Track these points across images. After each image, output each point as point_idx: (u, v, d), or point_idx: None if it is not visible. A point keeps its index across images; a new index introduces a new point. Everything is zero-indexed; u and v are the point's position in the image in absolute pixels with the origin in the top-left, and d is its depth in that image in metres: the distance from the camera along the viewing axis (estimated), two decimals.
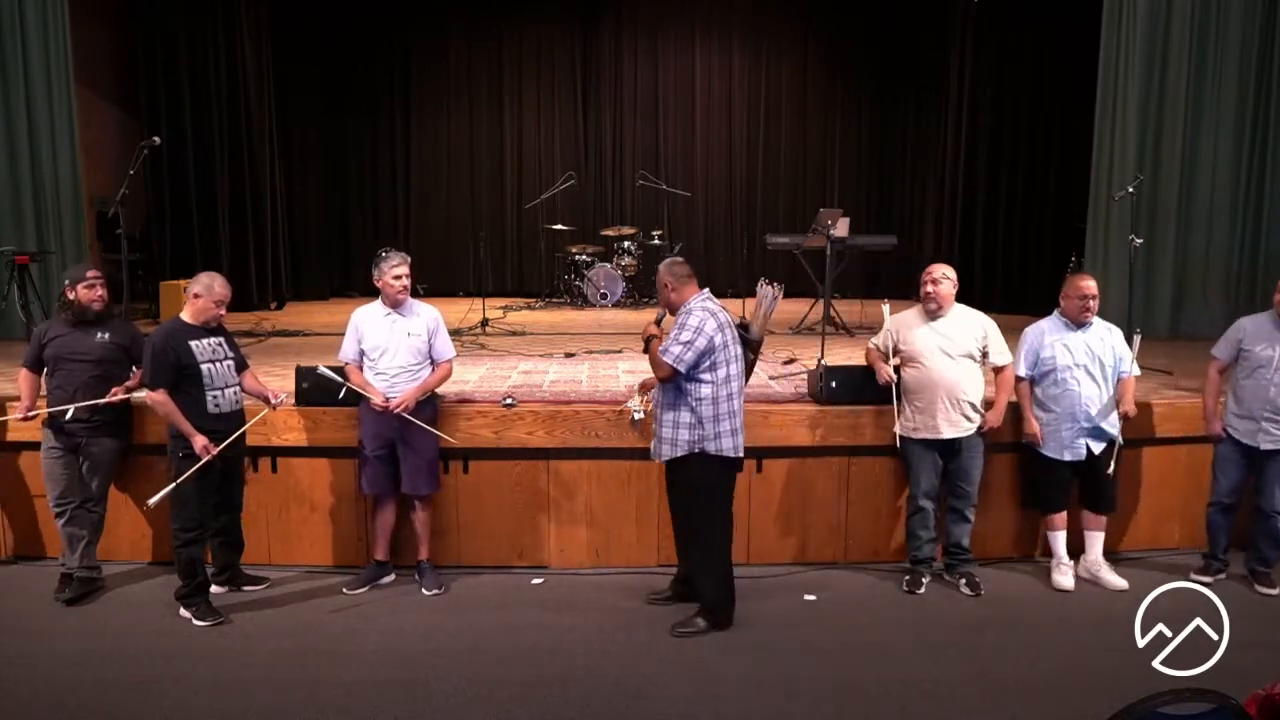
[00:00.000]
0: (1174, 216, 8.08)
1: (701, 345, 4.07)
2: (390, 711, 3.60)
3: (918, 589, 4.80)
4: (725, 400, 4.16)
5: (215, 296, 4.44)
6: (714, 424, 4.15)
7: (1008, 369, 4.79)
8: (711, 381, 4.13)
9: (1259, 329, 4.73)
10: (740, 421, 4.26)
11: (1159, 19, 7.99)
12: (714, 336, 4.09)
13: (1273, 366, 4.60)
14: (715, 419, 4.14)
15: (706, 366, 4.12)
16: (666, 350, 4.10)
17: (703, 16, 12.94)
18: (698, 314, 4.13)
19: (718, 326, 4.13)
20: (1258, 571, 4.80)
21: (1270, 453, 4.66)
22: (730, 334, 4.20)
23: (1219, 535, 4.88)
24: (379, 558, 4.87)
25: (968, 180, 11.09)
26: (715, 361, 4.12)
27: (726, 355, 4.16)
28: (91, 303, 4.63)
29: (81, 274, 4.70)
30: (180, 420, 4.26)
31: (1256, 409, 4.65)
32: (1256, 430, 4.65)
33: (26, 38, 7.69)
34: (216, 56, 10.40)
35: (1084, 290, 4.75)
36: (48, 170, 7.91)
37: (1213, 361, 4.89)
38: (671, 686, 3.81)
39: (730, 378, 4.18)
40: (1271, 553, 4.78)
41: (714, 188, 13.11)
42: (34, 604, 4.59)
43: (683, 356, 4.07)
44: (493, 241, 12.11)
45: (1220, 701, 1.81)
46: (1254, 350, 4.68)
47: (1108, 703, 2.01)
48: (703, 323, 4.09)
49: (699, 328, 4.08)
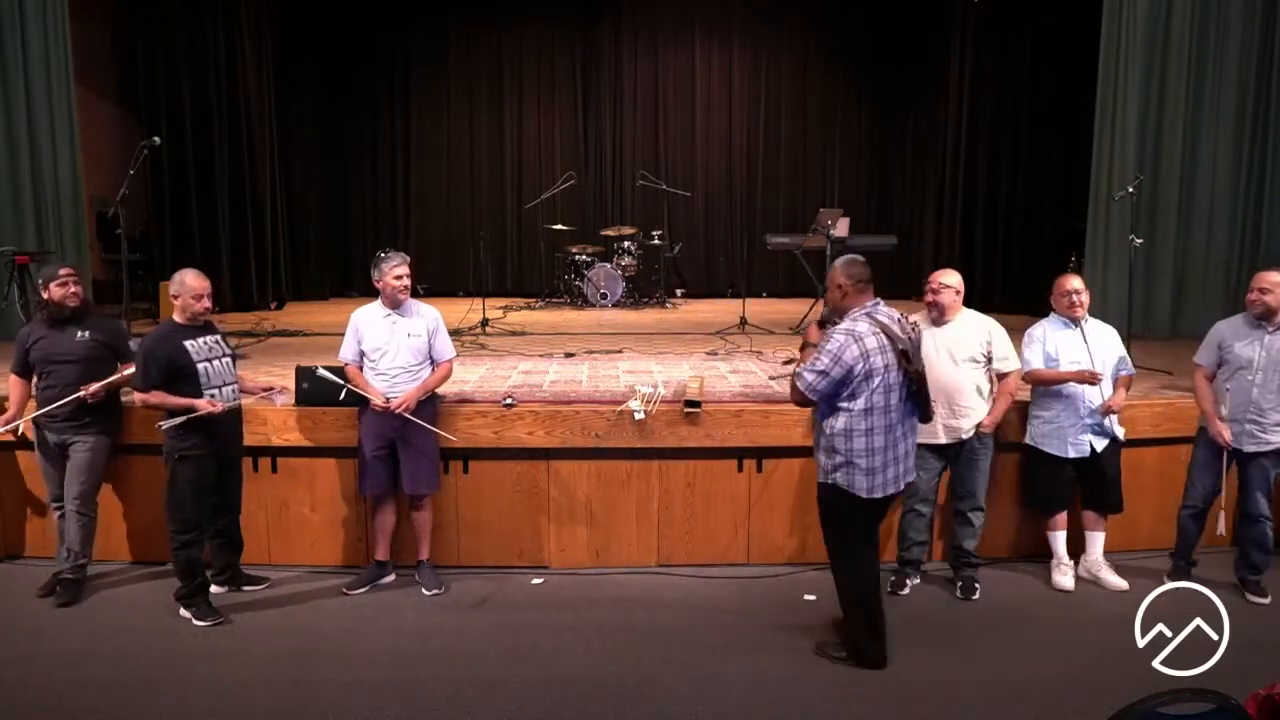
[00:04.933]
0: (1174, 216, 8.08)
1: (838, 375, 3.67)
2: (390, 711, 3.60)
3: (901, 590, 4.79)
4: (863, 435, 3.72)
5: (190, 291, 4.40)
6: (847, 458, 3.76)
7: (1012, 375, 4.75)
8: (848, 411, 3.73)
9: (1236, 331, 4.69)
10: (884, 459, 3.77)
11: (1159, 19, 7.99)
12: (854, 366, 3.66)
13: (1254, 367, 4.56)
14: (849, 453, 3.75)
15: (845, 396, 3.72)
16: (801, 375, 3.75)
17: (703, 16, 12.95)
18: (839, 337, 3.70)
19: (861, 354, 3.66)
20: (1249, 580, 4.72)
21: (1253, 455, 4.60)
22: (882, 360, 3.68)
23: (1189, 539, 4.83)
24: (379, 558, 4.87)
25: (968, 180, 11.10)
26: (854, 391, 3.70)
27: (870, 385, 3.68)
28: (65, 300, 4.59)
29: (54, 273, 4.65)
30: (177, 401, 4.25)
31: (1239, 411, 4.60)
32: (1240, 433, 4.60)
33: (26, 38, 7.69)
34: (216, 56, 10.42)
35: (1066, 287, 4.77)
36: (48, 170, 7.91)
37: (1198, 369, 4.83)
38: (671, 686, 3.81)
39: (873, 410, 3.71)
40: (1260, 558, 4.70)
41: (714, 188, 13.13)
42: (34, 604, 4.59)
43: (815, 386, 3.71)
44: (493, 241, 12.13)
45: (1220, 701, 1.81)
46: (1234, 352, 4.63)
47: (1108, 703, 2.01)
48: (842, 349, 3.66)
49: (838, 355, 3.67)
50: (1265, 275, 4.56)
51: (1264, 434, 4.56)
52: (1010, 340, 4.81)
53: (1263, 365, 4.53)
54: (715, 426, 5.01)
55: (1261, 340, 4.55)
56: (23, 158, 7.78)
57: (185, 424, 4.27)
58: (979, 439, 4.72)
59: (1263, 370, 4.53)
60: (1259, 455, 4.59)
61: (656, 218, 11.86)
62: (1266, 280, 4.53)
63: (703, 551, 5.14)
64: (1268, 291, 4.51)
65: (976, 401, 4.69)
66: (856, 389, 3.70)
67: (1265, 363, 4.53)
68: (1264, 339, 4.55)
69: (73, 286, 4.63)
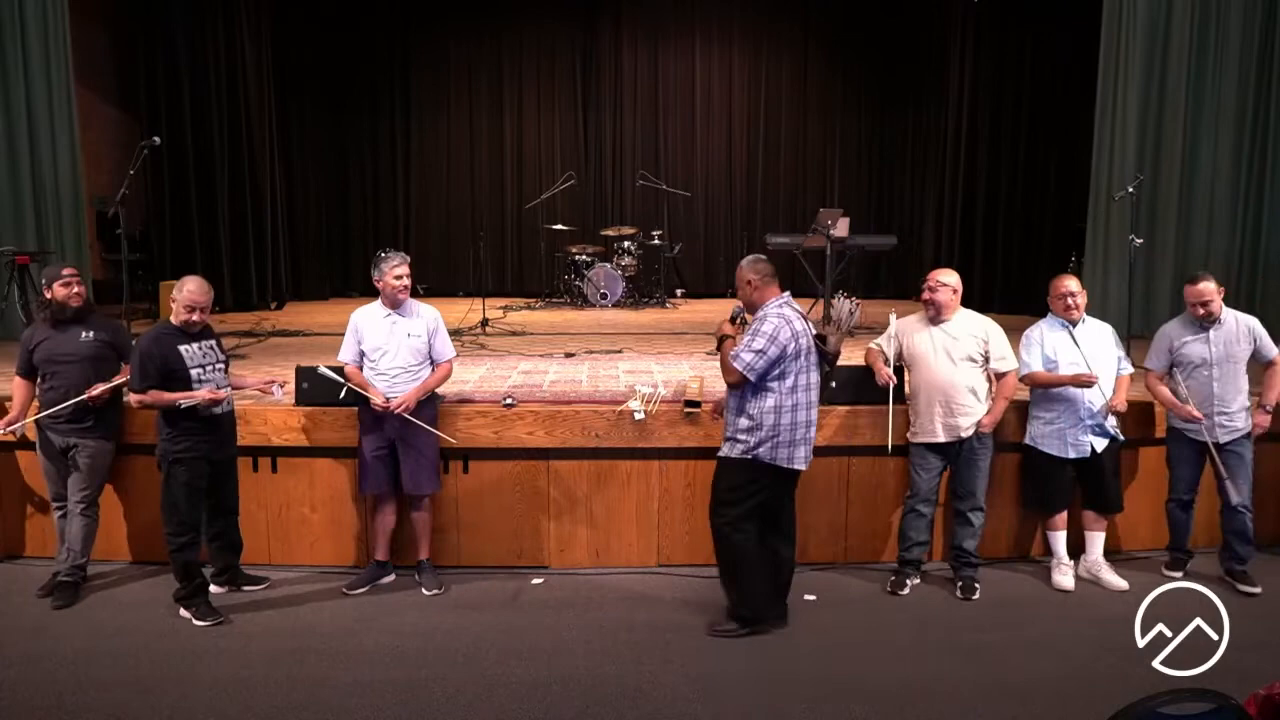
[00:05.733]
0: (1174, 216, 8.08)
1: (774, 354, 4.00)
2: (390, 711, 3.60)
3: (900, 590, 4.79)
4: (789, 411, 4.07)
5: (184, 299, 4.36)
6: (772, 432, 4.07)
7: (1010, 375, 4.75)
8: (776, 391, 4.06)
9: (1183, 332, 4.84)
10: (804, 434, 4.15)
11: (1159, 19, 7.99)
12: (787, 345, 4.02)
13: (1209, 363, 4.74)
14: (775, 427, 4.07)
15: (775, 375, 4.05)
16: (738, 357, 4.03)
17: (703, 16, 12.95)
18: (773, 320, 4.05)
19: (792, 335, 4.05)
20: (1235, 571, 4.81)
21: (1226, 445, 4.74)
22: (805, 344, 4.11)
23: (1181, 529, 4.97)
24: (379, 558, 4.87)
25: (968, 180, 11.10)
26: (784, 371, 4.05)
27: (797, 365, 4.07)
28: (69, 299, 4.60)
29: (57, 272, 4.66)
30: (171, 397, 4.23)
31: (1204, 406, 4.74)
32: (1211, 426, 4.73)
33: (26, 38, 7.70)
34: (216, 56, 10.42)
35: (1061, 289, 4.80)
36: (48, 170, 7.91)
37: (1149, 374, 4.96)
38: (671, 686, 3.81)
39: (798, 388, 4.09)
40: (1244, 549, 4.80)
41: (714, 188, 13.12)
42: (34, 604, 4.59)
43: (754, 365, 4.00)
44: (493, 241, 12.13)
45: (1220, 701, 1.81)
46: (1186, 353, 4.80)
47: (1108, 703, 2.01)
48: (777, 330, 4.02)
49: (773, 336, 4.01)
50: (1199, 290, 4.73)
51: (1231, 422, 4.74)
52: (1008, 340, 4.81)
53: (1217, 359, 4.73)
54: (715, 426, 5.00)
55: (1208, 338, 4.75)
56: (23, 158, 7.78)
57: (180, 428, 4.27)
58: (978, 439, 4.72)
59: (1218, 364, 4.73)
60: (1231, 444, 4.75)
61: (656, 218, 11.85)
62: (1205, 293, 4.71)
63: (703, 551, 5.11)
64: (1209, 302, 4.71)
65: (974, 401, 4.69)
66: (787, 368, 4.05)
67: (1218, 356, 4.73)
68: (1209, 335, 4.76)
69: (76, 287, 4.64)
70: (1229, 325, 4.76)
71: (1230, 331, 4.75)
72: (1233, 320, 4.78)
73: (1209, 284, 4.72)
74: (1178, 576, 4.83)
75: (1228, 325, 4.76)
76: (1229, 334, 4.75)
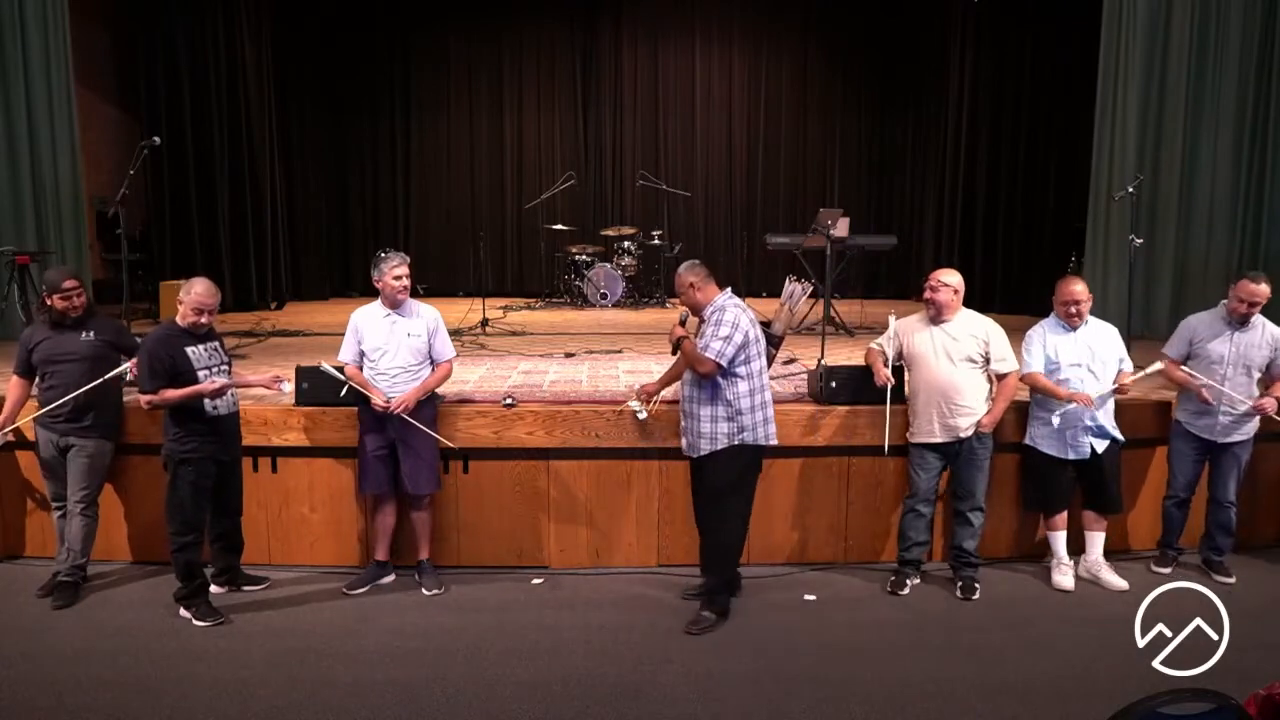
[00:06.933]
0: (1174, 216, 8.07)
1: (739, 340, 4.21)
2: (390, 711, 3.60)
3: (900, 590, 4.79)
4: (759, 392, 4.33)
5: (193, 302, 4.35)
6: (751, 415, 4.30)
7: (1010, 377, 4.74)
8: (747, 376, 4.28)
9: (1209, 327, 4.88)
10: (772, 413, 4.43)
11: (1159, 19, 7.98)
12: (749, 331, 4.25)
13: (1225, 363, 4.78)
14: (752, 410, 4.30)
15: (742, 360, 4.25)
16: (707, 347, 4.20)
17: (702, 16, 12.94)
18: (731, 310, 4.27)
19: (750, 321, 4.30)
20: (1213, 561, 4.95)
21: (1226, 445, 4.83)
22: (757, 330, 4.35)
23: (1174, 527, 5.05)
24: (379, 558, 4.87)
25: (968, 180, 11.09)
26: (749, 355, 4.27)
27: (759, 349, 4.33)
28: (68, 312, 4.59)
29: (58, 285, 4.59)
30: (182, 394, 4.23)
31: (1214, 404, 4.78)
32: (1214, 424, 4.81)
33: (26, 38, 7.69)
34: (216, 56, 10.41)
35: (1067, 296, 4.77)
36: (48, 170, 7.90)
37: (1167, 360, 5.00)
38: (671, 686, 3.81)
39: (761, 371, 4.36)
40: (1224, 541, 4.94)
41: (714, 188, 13.12)
42: (34, 603, 4.59)
43: (724, 351, 4.19)
44: (493, 241, 12.12)
45: (1220, 701, 1.81)
46: (1206, 348, 4.84)
47: (1108, 703, 2.01)
48: (737, 318, 4.24)
49: (735, 323, 4.22)
50: (1254, 290, 4.71)
51: (1236, 424, 4.81)
52: (1009, 341, 4.81)
53: (1232, 360, 4.78)
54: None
55: (1232, 338, 4.79)
56: (23, 158, 7.77)
57: (187, 429, 4.28)
58: (978, 439, 4.72)
59: (1232, 364, 4.78)
60: (1232, 445, 4.83)
61: (656, 218, 11.84)
62: (1259, 295, 4.72)
63: None
64: (1256, 305, 4.73)
65: (974, 401, 4.68)
66: (751, 353, 4.27)
67: (1234, 358, 4.78)
68: (1234, 336, 4.79)
69: (76, 300, 4.61)
70: (1255, 330, 4.79)
71: (1255, 337, 4.79)
72: (1260, 326, 4.80)
73: (1266, 287, 4.72)
74: (1165, 573, 4.94)
75: (1254, 330, 4.79)
76: (1252, 339, 4.79)
